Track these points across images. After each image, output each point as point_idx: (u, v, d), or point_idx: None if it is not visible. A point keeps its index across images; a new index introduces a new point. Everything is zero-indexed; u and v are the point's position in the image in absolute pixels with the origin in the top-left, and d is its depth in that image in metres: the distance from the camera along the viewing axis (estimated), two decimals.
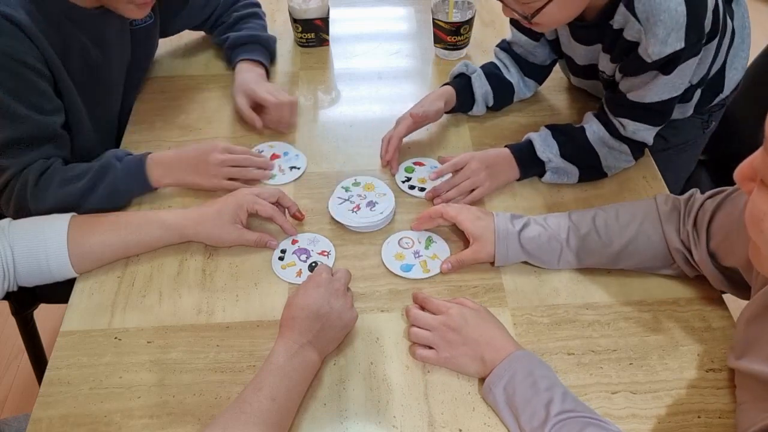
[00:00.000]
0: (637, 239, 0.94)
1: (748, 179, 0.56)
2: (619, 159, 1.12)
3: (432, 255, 1.02)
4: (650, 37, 0.95)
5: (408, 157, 1.19)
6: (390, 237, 1.05)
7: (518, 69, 1.27)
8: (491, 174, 1.10)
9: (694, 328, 0.94)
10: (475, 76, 1.23)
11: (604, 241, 0.95)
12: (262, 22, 1.40)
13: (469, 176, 1.09)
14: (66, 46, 1.05)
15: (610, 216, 0.96)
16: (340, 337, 0.89)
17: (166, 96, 1.34)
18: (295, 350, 0.82)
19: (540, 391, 0.80)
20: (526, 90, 1.29)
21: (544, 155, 1.10)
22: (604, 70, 1.11)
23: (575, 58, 1.17)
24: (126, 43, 1.20)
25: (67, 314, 0.95)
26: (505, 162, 1.12)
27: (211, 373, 0.88)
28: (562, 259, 0.97)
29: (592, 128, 1.11)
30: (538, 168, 1.12)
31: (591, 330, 0.93)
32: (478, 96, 1.23)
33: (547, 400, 0.79)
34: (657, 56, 0.96)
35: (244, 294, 0.98)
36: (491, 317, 0.90)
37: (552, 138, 1.11)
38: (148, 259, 1.02)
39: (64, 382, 0.87)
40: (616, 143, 1.10)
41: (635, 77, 1.03)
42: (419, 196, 1.12)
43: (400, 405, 0.85)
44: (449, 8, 1.34)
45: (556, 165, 1.11)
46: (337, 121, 1.28)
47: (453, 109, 1.24)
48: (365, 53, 1.47)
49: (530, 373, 0.82)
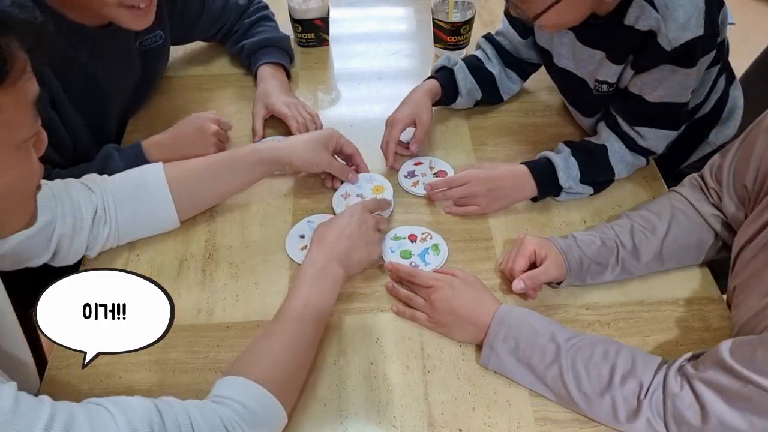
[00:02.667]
0: (676, 220, 0.96)
1: None
2: (630, 170, 1.12)
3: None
4: (670, 23, 0.94)
5: (407, 157, 1.19)
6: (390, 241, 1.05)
7: (500, 60, 1.26)
8: (493, 197, 1.07)
9: (694, 328, 0.94)
10: (457, 68, 1.23)
11: (650, 228, 0.96)
12: (273, 24, 1.40)
13: (467, 195, 1.07)
14: (65, 65, 1.04)
15: (640, 213, 0.99)
16: (364, 263, 0.96)
17: (166, 96, 1.34)
18: (324, 263, 0.90)
19: (539, 330, 0.85)
20: (510, 83, 1.28)
21: (566, 182, 1.07)
22: (606, 79, 1.08)
23: (572, 67, 1.14)
24: (134, 61, 1.19)
25: None
26: (518, 182, 1.08)
27: (211, 373, 0.88)
28: (620, 257, 0.95)
29: (614, 147, 1.09)
30: (555, 191, 1.09)
31: (591, 330, 0.93)
32: (462, 87, 1.23)
33: (550, 334, 0.84)
34: (677, 42, 0.95)
35: (244, 294, 0.98)
36: (478, 281, 0.94)
37: (573, 158, 1.08)
38: (148, 259, 1.02)
39: (64, 382, 0.87)
40: (635, 158, 1.09)
41: (649, 72, 1.01)
42: (419, 194, 1.12)
43: (400, 405, 0.85)
44: (449, 8, 1.34)
45: (574, 190, 1.09)
46: (337, 121, 1.28)
47: (438, 102, 1.23)
48: (365, 53, 1.47)
49: (523, 319, 0.87)
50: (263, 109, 1.24)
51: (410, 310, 0.94)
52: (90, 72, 1.09)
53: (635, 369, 0.79)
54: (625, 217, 0.99)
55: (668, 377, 0.77)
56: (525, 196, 1.09)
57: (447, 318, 0.90)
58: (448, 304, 0.90)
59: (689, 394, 0.75)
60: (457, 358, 0.90)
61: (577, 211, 1.10)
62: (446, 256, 1.02)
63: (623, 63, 1.05)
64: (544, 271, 0.93)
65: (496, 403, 0.85)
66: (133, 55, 1.19)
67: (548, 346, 0.83)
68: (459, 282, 0.92)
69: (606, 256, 0.95)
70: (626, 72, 1.06)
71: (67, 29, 1.03)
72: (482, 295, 0.91)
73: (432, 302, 0.91)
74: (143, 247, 1.03)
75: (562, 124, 1.28)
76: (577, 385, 0.81)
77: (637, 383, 0.78)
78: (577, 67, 1.13)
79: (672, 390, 0.76)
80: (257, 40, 1.34)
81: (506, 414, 0.84)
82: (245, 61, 1.36)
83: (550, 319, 0.89)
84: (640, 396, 0.77)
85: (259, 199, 1.12)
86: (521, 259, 0.93)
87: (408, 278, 0.97)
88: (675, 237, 0.96)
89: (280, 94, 1.26)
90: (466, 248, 1.04)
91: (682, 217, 0.96)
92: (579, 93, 1.16)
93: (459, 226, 1.08)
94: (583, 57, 1.10)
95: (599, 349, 0.82)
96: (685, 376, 0.77)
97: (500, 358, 0.86)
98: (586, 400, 0.81)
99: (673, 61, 0.97)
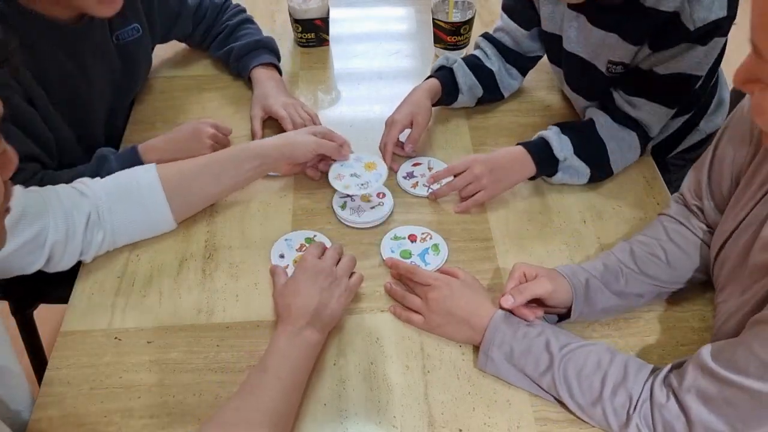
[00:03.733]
0: (671, 237, 0.94)
1: (748, 82, 0.65)
2: (627, 151, 1.11)
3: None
4: (695, 3, 0.95)
5: (406, 158, 1.19)
6: (388, 239, 1.05)
7: (500, 57, 1.26)
8: (495, 178, 1.07)
9: (694, 328, 0.94)
10: (456, 66, 1.23)
11: (650, 250, 0.93)
12: (256, 26, 1.39)
13: (471, 181, 1.07)
14: (42, 67, 1.03)
15: (636, 238, 0.96)
16: (338, 313, 0.90)
17: (166, 96, 1.34)
18: (296, 332, 0.84)
19: (533, 337, 0.85)
20: (510, 79, 1.28)
21: (560, 153, 1.08)
22: (622, 60, 1.08)
23: (580, 51, 1.13)
24: (109, 56, 1.17)
25: (67, 314, 0.95)
26: (516, 161, 1.09)
27: (211, 373, 0.88)
28: (625, 278, 0.91)
29: (600, 120, 1.10)
30: (552, 167, 1.10)
31: (591, 330, 0.93)
32: (462, 84, 1.23)
33: (545, 342, 0.84)
34: (702, 22, 0.95)
35: (244, 294, 0.98)
36: (477, 284, 0.94)
37: (563, 134, 1.09)
38: (148, 259, 1.02)
39: (64, 382, 0.87)
40: (625, 132, 1.09)
41: (667, 50, 1.01)
42: (419, 195, 1.12)
43: (400, 405, 0.85)
44: (449, 8, 1.34)
45: (570, 164, 1.09)
46: (337, 121, 1.28)
47: (440, 101, 1.23)
48: (365, 53, 1.47)
49: (518, 326, 0.86)
50: (261, 110, 1.24)
51: (405, 313, 0.94)
52: (67, 69, 1.08)
53: (626, 380, 0.79)
54: (622, 242, 0.97)
55: (654, 388, 0.77)
56: (524, 175, 1.10)
57: (443, 318, 0.90)
58: (444, 304, 0.90)
59: (675, 405, 0.75)
60: (457, 358, 0.90)
61: (577, 211, 1.10)
62: (446, 256, 1.02)
63: (640, 44, 1.05)
64: (536, 284, 0.88)
65: (496, 403, 0.85)
66: (109, 49, 1.17)
67: (542, 355, 0.83)
68: (457, 283, 0.92)
69: (613, 276, 0.92)
70: (641, 52, 1.05)
71: (41, 27, 1.01)
72: (480, 298, 0.91)
73: (428, 301, 0.92)
74: (143, 247, 1.03)
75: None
76: (569, 395, 0.81)
77: (627, 395, 0.78)
78: (586, 51, 1.13)
79: (659, 401, 0.76)
80: (246, 43, 1.33)
81: (506, 414, 0.84)
82: (234, 65, 1.35)
83: (547, 324, 0.88)
84: (630, 410, 0.77)
85: (259, 199, 1.12)
86: (511, 282, 0.90)
87: (407, 275, 0.97)
88: (673, 253, 0.94)
89: (278, 95, 1.26)
90: (466, 248, 1.04)
91: (676, 236, 0.95)
92: (586, 78, 1.16)
93: (459, 226, 1.08)
94: (594, 39, 1.10)
95: (592, 359, 0.81)
96: (670, 387, 0.76)
97: (496, 363, 0.86)
98: (579, 408, 0.81)
99: (695, 38, 0.98)
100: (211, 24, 1.37)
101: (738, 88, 0.67)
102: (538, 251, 1.04)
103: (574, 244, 1.05)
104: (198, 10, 1.35)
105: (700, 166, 0.95)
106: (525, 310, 0.87)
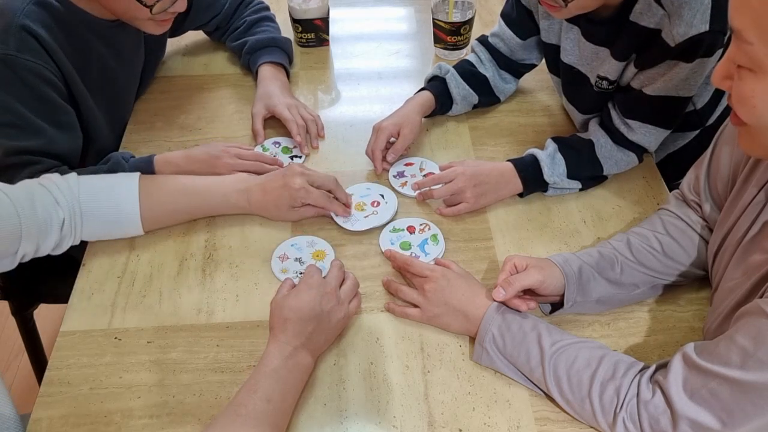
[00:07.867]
0: (668, 231, 0.95)
1: (724, 78, 0.67)
2: (623, 167, 1.12)
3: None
4: (675, 19, 0.94)
5: (400, 157, 1.18)
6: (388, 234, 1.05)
7: (494, 63, 1.26)
8: (479, 192, 1.07)
9: (694, 328, 0.94)
10: (449, 76, 1.23)
11: (647, 241, 0.94)
12: (276, 25, 1.40)
13: (454, 192, 1.07)
14: (84, 57, 1.08)
15: (634, 230, 0.97)
16: (331, 339, 0.90)
17: (166, 96, 1.34)
18: (289, 352, 0.82)
19: (527, 331, 0.85)
20: (504, 83, 1.28)
21: (550, 178, 1.08)
22: (607, 76, 1.08)
23: (575, 63, 1.14)
24: (141, 52, 1.24)
25: (67, 314, 0.95)
26: (503, 178, 1.09)
27: (211, 373, 0.88)
28: (620, 266, 0.92)
29: (600, 142, 1.09)
30: (541, 188, 1.10)
31: (591, 330, 0.93)
32: (456, 95, 1.22)
33: (537, 337, 0.84)
34: (682, 38, 0.94)
35: (244, 294, 0.98)
36: (472, 278, 0.94)
37: (560, 154, 1.09)
38: (148, 259, 1.02)
39: (64, 382, 0.87)
40: (623, 153, 1.09)
41: (652, 68, 1.01)
42: (406, 194, 1.12)
43: (400, 405, 0.85)
44: (449, 8, 1.34)
45: (560, 186, 1.10)
46: (337, 121, 1.28)
47: (433, 113, 1.23)
48: (365, 53, 1.47)
49: (513, 318, 0.87)
50: (264, 109, 1.24)
51: (401, 308, 0.94)
52: (105, 63, 1.13)
53: (615, 378, 0.79)
54: (619, 233, 0.98)
55: (641, 385, 0.77)
56: (510, 191, 1.10)
57: (439, 309, 0.91)
58: (441, 295, 0.91)
59: (661, 400, 0.75)
60: (457, 358, 0.90)
61: (577, 211, 1.10)
62: (444, 246, 1.03)
63: (626, 60, 1.05)
64: (525, 275, 0.88)
65: (496, 403, 0.85)
66: (140, 45, 1.23)
67: (533, 350, 0.83)
68: (453, 274, 0.93)
69: (608, 264, 0.92)
70: (628, 69, 1.06)
71: (86, 23, 1.07)
72: (476, 289, 0.92)
73: (425, 292, 0.92)
74: (143, 247, 1.03)
75: (561, 123, 1.28)
76: (559, 391, 0.82)
77: (615, 392, 0.78)
78: (581, 63, 1.13)
79: (644, 397, 0.76)
80: (261, 38, 1.33)
81: (506, 414, 0.84)
82: (245, 58, 1.35)
83: (540, 319, 0.88)
84: (617, 409, 0.77)
85: None
86: (502, 274, 0.90)
87: (403, 266, 0.98)
88: (669, 244, 0.94)
89: (282, 95, 1.26)
90: (466, 248, 1.04)
91: (673, 229, 0.95)
92: (580, 90, 1.16)
93: (459, 226, 1.08)
94: (587, 53, 1.10)
95: (583, 356, 0.82)
96: (657, 383, 0.77)
97: (490, 356, 0.86)
98: (568, 405, 0.82)
99: (677, 53, 0.97)
100: (229, 17, 1.38)
101: (717, 86, 0.69)
102: (538, 251, 1.04)
103: (574, 244, 1.05)
104: (216, 2, 1.36)
105: (700, 164, 0.95)
106: (517, 301, 0.88)
